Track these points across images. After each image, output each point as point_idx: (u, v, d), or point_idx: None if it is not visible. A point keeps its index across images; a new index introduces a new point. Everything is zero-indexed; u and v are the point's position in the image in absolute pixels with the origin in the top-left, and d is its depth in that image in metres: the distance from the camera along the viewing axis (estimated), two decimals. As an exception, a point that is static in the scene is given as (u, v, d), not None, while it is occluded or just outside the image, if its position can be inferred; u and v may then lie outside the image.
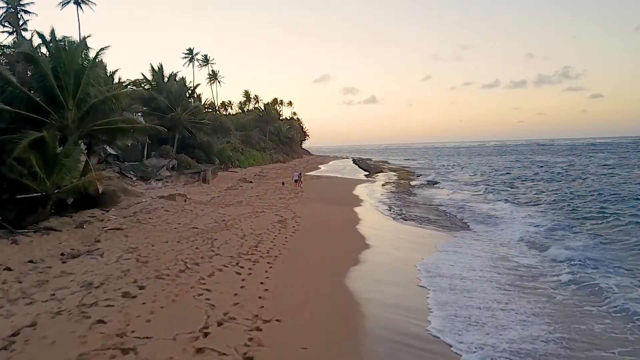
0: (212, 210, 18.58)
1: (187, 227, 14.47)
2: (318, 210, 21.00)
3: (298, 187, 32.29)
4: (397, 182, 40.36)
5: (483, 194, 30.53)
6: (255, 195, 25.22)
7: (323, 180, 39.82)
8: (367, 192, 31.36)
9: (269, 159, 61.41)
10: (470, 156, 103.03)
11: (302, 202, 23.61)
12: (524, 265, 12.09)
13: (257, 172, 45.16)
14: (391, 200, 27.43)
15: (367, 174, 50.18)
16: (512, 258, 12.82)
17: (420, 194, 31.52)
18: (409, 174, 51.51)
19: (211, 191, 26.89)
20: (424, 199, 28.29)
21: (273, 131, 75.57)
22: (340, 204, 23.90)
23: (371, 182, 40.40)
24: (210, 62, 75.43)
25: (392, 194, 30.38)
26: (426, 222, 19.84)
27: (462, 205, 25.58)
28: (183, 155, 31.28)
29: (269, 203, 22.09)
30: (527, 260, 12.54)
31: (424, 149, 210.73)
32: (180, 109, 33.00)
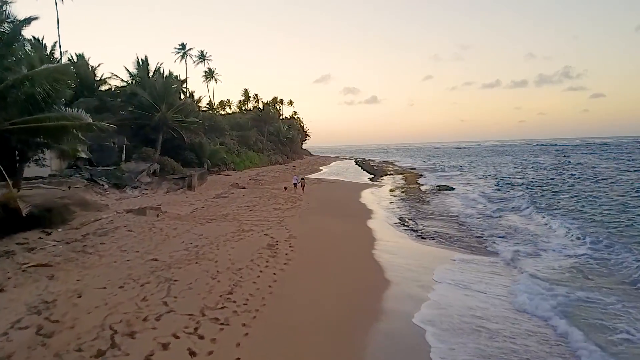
0: (187, 229, 15.07)
1: (145, 258, 10.96)
2: (319, 225, 17.50)
3: (295, 191, 29.12)
4: (406, 186, 36.82)
5: (507, 201, 26.96)
6: (245, 206, 21.70)
7: (324, 185, 36.31)
8: (374, 200, 27.84)
9: (267, 161, 57.92)
10: (477, 157, 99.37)
11: (300, 214, 20.12)
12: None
13: (253, 176, 41.66)
14: (403, 210, 23.91)
15: (371, 177, 46.65)
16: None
17: (434, 201, 27.97)
18: (416, 176, 47.97)
19: (196, 200, 23.40)
20: (439, 209, 24.75)
21: (272, 131, 72.03)
22: (346, 217, 20.40)
23: (377, 186, 36.89)
24: (206, 59, 71.87)
25: (403, 202, 26.84)
26: (448, 241, 16.37)
27: (485, 216, 22.10)
28: (167, 159, 27.81)
29: (261, 216, 18.58)
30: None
31: (426, 148, 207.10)
32: (165, 106, 29.51)
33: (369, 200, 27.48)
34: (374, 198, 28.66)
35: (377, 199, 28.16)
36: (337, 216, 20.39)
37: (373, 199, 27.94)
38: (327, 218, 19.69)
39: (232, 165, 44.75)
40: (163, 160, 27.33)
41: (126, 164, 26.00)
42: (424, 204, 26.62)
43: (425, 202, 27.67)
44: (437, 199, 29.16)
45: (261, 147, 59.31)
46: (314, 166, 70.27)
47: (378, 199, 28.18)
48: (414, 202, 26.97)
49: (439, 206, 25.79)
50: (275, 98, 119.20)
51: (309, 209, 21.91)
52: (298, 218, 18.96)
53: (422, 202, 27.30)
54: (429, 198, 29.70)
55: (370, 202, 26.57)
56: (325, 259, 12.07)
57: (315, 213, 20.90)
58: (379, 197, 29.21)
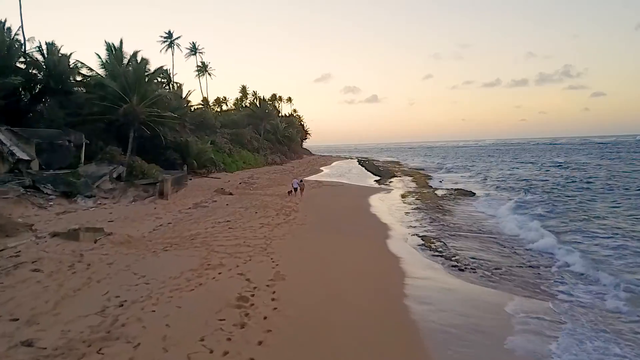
0: (129, 263, 10.45)
1: (14, 340, 6.33)
2: (320, 251, 12.93)
3: (296, 196, 25.14)
4: (419, 191, 32.17)
5: (547, 213, 22.22)
6: (225, 221, 17.07)
7: (326, 190, 31.70)
8: (386, 208, 23.23)
9: (263, 161, 53.27)
10: (483, 156, 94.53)
11: (294, 232, 15.53)
12: None
13: (246, 178, 37.04)
14: (424, 223, 19.30)
15: (378, 180, 42.01)
16: None
17: (457, 211, 23.31)
18: (427, 178, 43.31)
19: (166, 212, 18.80)
20: (466, 222, 20.10)
21: (269, 129, 67.44)
22: (356, 235, 15.80)
23: (386, 190, 32.25)
24: (198, 51, 66.94)
25: (422, 213, 22.20)
26: (496, 275, 11.81)
27: (526, 230, 17.44)
28: (137, 160, 23.19)
29: (241, 238, 13.97)
30: None
31: (427, 147, 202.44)
32: (137, 98, 24.86)
33: (380, 209, 22.85)
34: (385, 206, 24.02)
35: (388, 208, 23.54)
36: (344, 234, 15.78)
37: (384, 208, 23.30)
38: (331, 237, 15.09)
39: (222, 167, 40.15)
40: (132, 162, 22.72)
41: (85, 166, 21.42)
42: (446, 215, 21.98)
43: (446, 211, 23.01)
44: (459, 208, 24.51)
45: (257, 146, 54.65)
46: (314, 167, 65.61)
47: (390, 208, 23.56)
48: (434, 213, 22.32)
49: (464, 218, 21.12)
50: (274, 95, 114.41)
51: (306, 224, 17.31)
52: (291, 239, 14.37)
53: (443, 212, 22.65)
54: (449, 206, 25.05)
55: (382, 212, 21.95)
56: (329, 327, 7.44)
57: (315, 229, 16.31)
58: (390, 205, 24.58)
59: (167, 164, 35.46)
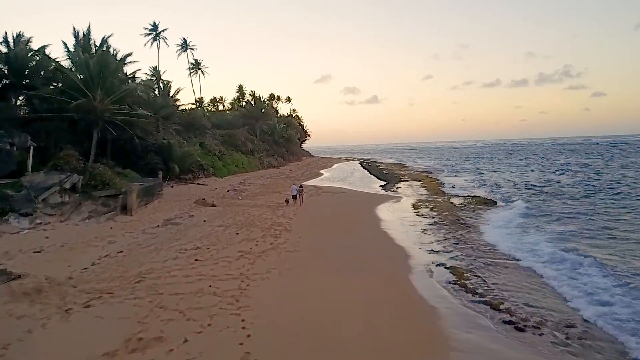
0: (3, 345, 6.62)
1: None
2: (316, 305, 9.06)
3: (295, 204, 22.96)
4: (432, 199, 28.28)
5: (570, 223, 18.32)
6: (194, 248, 13.20)
7: (326, 198, 27.84)
8: (397, 224, 19.36)
9: (258, 164, 49.37)
10: (488, 157, 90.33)
11: (282, 265, 11.70)
12: None
13: (236, 185, 33.20)
14: (446, 245, 15.42)
15: (384, 185, 38.12)
16: None
17: (481, 226, 19.41)
18: (437, 183, 39.42)
19: (124, 233, 14.94)
20: (497, 243, 16.21)
21: (266, 130, 63.56)
22: (368, 270, 11.89)
23: (395, 199, 28.35)
24: (189, 47, 62.95)
25: (440, 228, 18.31)
26: (571, 339, 8.04)
27: (564, 259, 13.56)
28: (99, 167, 19.33)
29: (208, 277, 10.13)
30: None
31: (429, 148, 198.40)
32: (101, 92, 21.02)
33: (391, 224, 18.97)
34: (396, 220, 20.14)
35: (400, 222, 19.66)
36: (351, 267, 11.90)
37: (396, 223, 19.42)
38: (333, 274, 11.24)
39: (211, 171, 36.30)
40: (92, 169, 18.87)
41: (32, 175, 17.58)
42: (471, 232, 18.09)
43: (470, 227, 19.11)
44: (482, 221, 20.66)
45: (251, 148, 50.76)
46: (313, 169, 61.71)
47: (402, 222, 19.68)
48: (456, 229, 18.43)
49: (493, 237, 17.20)
50: (272, 94, 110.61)
51: (300, 250, 13.47)
52: (276, 278, 10.54)
53: (466, 229, 18.77)
54: (471, 219, 21.18)
55: (394, 229, 18.06)
56: None
57: (310, 259, 12.46)
58: (402, 219, 20.70)
59: (148, 169, 31.67)
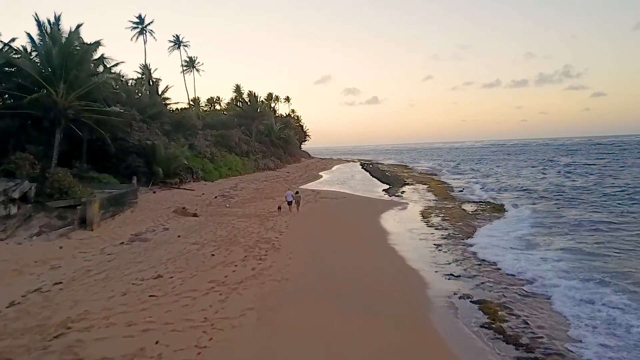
0: None
1: None
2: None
3: (290, 212, 21.07)
4: (442, 205, 25.47)
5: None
6: (154, 276, 10.41)
7: (324, 204, 25.08)
8: (406, 237, 16.57)
9: (253, 167, 46.54)
10: (491, 157, 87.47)
11: (263, 303, 8.92)
12: None
13: (226, 189, 30.43)
14: (467, 266, 12.66)
15: (387, 189, 35.30)
16: None
17: (507, 242, 16.65)
18: (445, 187, 36.60)
19: (78, 252, 12.18)
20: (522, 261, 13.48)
21: (262, 130, 60.79)
22: (372, 307, 9.07)
23: (400, 205, 25.53)
24: (182, 44, 60.07)
25: (457, 243, 15.51)
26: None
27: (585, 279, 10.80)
28: (58, 172, 16.51)
29: (158, 328, 7.35)
30: None
31: (430, 149, 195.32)
32: (65, 86, 18.25)
33: (399, 238, 16.15)
34: (404, 233, 17.34)
35: (410, 236, 16.87)
36: (354, 305, 9.11)
37: (405, 236, 16.61)
38: (329, 320, 8.44)
39: (200, 174, 33.54)
40: (51, 175, 16.09)
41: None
42: (495, 248, 15.33)
43: (492, 241, 16.36)
44: (504, 235, 17.89)
45: (246, 149, 47.95)
46: (312, 171, 58.93)
47: (412, 236, 16.88)
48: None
49: (521, 262, 14.43)
50: (270, 94, 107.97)
51: (289, 279, 10.68)
52: (254, 325, 7.77)
53: (488, 243, 16.00)
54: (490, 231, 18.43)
55: (403, 244, 15.25)
56: None
57: (301, 298, 9.64)
58: (411, 231, 17.90)
59: (129, 173, 28.97)
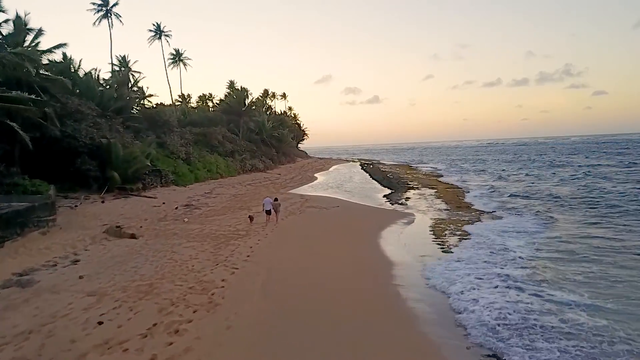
0: None
1: None
2: None
3: (267, 224, 17.72)
4: (457, 217, 20.48)
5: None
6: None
7: (310, 216, 20.18)
8: (418, 274, 11.64)
9: (238, 168, 41.60)
10: (494, 156, 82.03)
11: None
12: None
13: (197, 196, 25.54)
14: (525, 329, 7.74)
15: (389, 194, 30.42)
16: None
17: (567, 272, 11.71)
18: (455, 192, 31.65)
19: None
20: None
21: (253, 128, 55.89)
22: None
23: (405, 217, 20.56)
24: (164, 33, 54.72)
25: (491, 277, 10.58)
26: None
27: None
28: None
29: None
30: None
31: (432, 148, 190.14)
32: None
33: (409, 275, 11.22)
34: (415, 265, 12.40)
35: (421, 271, 11.93)
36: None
37: (416, 274, 11.68)
38: None
39: (171, 178, 28.68)
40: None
41: None
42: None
43: (548, 280, 11.42)
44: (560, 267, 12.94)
45: (231, 148, 43.02)
46: (307, 173, 53.98)
47: (426, 271, 11.94)
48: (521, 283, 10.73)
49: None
50: (266, 91, 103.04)
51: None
52: None
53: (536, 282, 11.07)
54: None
55: (416, 288, 10.33)
56: None
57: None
58: (423, 260, 12.97)
59: (79, 178, 24.15)
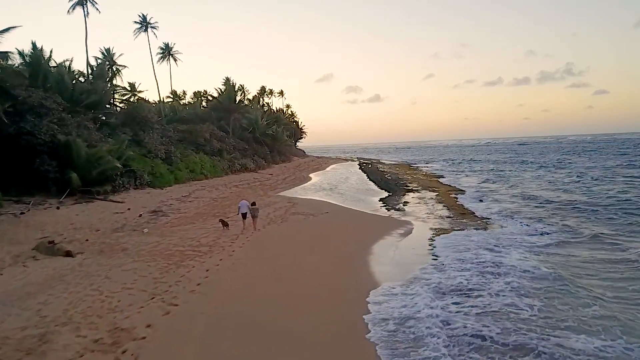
0: None
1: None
2: None
3: (243, 231, 15.81)
4: (461, 226, 17.96)
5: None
6: None
7: (294, 224, 17.63)
8: (409, 308, 9.13)
9: (225, 168, 39.05)
10: (497, 157, 79.19)
11: None
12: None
13: (172, 200, 23.03)
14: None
15: (386, 197, 27.86)
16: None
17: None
18: (457, 195, 29.06)
19: None
20: None
21: (245, 125, 53.35)
22: None
23: (402, 225, 17.99)
24: (150, 25, 51.96)
25: (508, 306, 8.05)
26: None
27: None
28: None
29: None
30: None
31: (433, 147, 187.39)
32: None
33: (397, 321, 8.69)
34: (413, 294, 9.87)
35: (409, 305, 9.39)
36: None
37: (406, 310, 9.15)
38: None
39: (146, 180, 26.19)
40: None
41: None
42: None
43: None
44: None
45: (218, 147, 40.48)
46: (302, 172, 51.43)
47: (426, 297, 9.41)
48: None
49: None
50: (263, 87, 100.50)
51: None
52: None
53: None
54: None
55: (412, 337, 7.80)
56: None
57: None
58: (421, 281, 10.42)
59: (38, 180, 21.68)
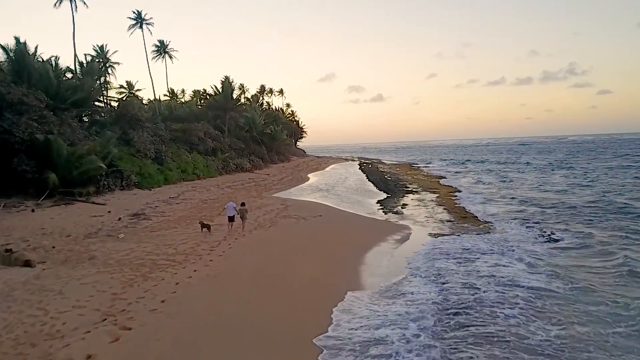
0: None
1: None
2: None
3: (230, 232, 15.19)
4: (462, 231, 16.76)
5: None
6: None
7: (285, 227, 16.46)
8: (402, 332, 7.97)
9: (221, 168, 37.86)
10: (499, 157, 77.78)
11: None
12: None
13: (159, 202, 21.89)
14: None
15: (384, 199, 26.67)
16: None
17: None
18: (458, 197, 27.85)
19: None
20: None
21: (242, 124, 52.18)
22: None
23: (399, 230, 16.79)
24: (145, 22, 50.83)
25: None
26: None
27: None
28: None
29: None
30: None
31: (435, 147, 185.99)
32: None
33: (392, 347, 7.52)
34: (408, 316, 8.71)
35: (410, 335, 8.22)
36: None
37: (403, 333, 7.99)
38: None
39: (133, 180, 25.06)
40: None
41: None
42: None
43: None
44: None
45: (212, 146, 39.32)
46: (300, 173, 50.24)
47: (422, 318, 8.24)
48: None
49: None
50: (262, 86, 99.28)
51: None
52: None
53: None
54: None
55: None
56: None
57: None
58: (417, 303, 9.25)
59: (15, 180, 20.59)
